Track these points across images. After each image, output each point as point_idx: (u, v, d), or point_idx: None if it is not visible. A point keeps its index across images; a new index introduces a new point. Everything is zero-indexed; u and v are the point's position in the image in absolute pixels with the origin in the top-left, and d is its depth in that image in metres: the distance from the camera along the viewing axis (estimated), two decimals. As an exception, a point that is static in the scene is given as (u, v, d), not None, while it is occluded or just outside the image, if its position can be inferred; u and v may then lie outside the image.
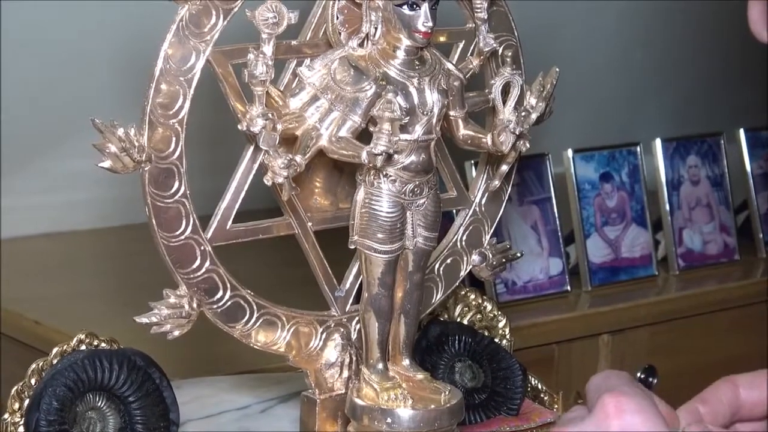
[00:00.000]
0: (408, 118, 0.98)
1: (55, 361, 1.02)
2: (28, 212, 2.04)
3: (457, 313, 1.21)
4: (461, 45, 1.12)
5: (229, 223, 1.03)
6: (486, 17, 1.05)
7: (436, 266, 1.13)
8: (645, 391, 0.84)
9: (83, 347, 1.04)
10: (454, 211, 1.17)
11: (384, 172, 0.99)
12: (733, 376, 0.90)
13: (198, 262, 1.01)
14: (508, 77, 1.03)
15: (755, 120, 2.37)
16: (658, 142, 2.13)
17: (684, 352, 1.94)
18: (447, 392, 1.03)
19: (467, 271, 1.15)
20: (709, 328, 1.98)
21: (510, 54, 1.05)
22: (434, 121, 1.00)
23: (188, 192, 1.00)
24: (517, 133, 1.02)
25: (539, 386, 1.19)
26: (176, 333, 1.02)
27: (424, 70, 1.00)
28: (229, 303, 1.03)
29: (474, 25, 1.07)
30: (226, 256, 1.03)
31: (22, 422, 1.01)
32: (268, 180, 0.95)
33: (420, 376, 1.05)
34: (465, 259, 1.15)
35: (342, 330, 1.08)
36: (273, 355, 1.05)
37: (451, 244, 1.14)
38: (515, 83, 1.03)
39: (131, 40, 1.60)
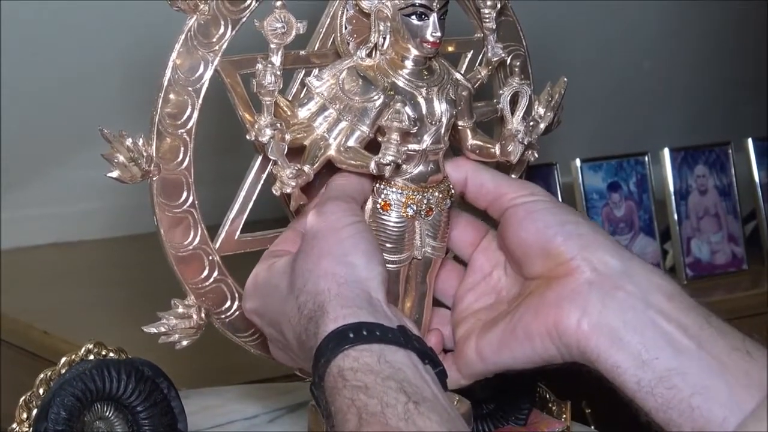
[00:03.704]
0: (417, 128, 0.98)
1: (63, 371, 1.02)
2: (36, 222, 2.04)
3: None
4: (469, 55, 1.12)
5: (238, 233, 1.03)
6: (494, 27, 1.05)
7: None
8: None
9: (91, 357, 1.04)
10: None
11: (392, 182, 0.99)
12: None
13: (206, 272, 1.01)
14: (517, 87, 1.03)
15: (763, 129, 2.37)
16: (666, 152, 2.13)
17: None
18: (455, 401, 1.03)
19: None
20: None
21: (518, 64, 1.05)
22: (443, 131, 1.00)
23: (196, 202, 1.00)
24: (526, 143, 1.02)
25: (547, 396, 1.19)
26: (184, 343, 1.02)
27: (433, 80, 0.99)
28: (237, 313, 1.03)
29: (482, 35, 1.07)
30: (234, 265, 1.03)
31: (30, 432, 1.01)
32: (276, 190, 0.95)
33: (428, 386, 1.05)
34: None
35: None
36: (281, 365, 1.04)
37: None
38: (524, 93, 1.03)
39: (139, 50, 1.61)
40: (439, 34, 0.97)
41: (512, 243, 0.98)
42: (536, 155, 1.07)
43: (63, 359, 1.03)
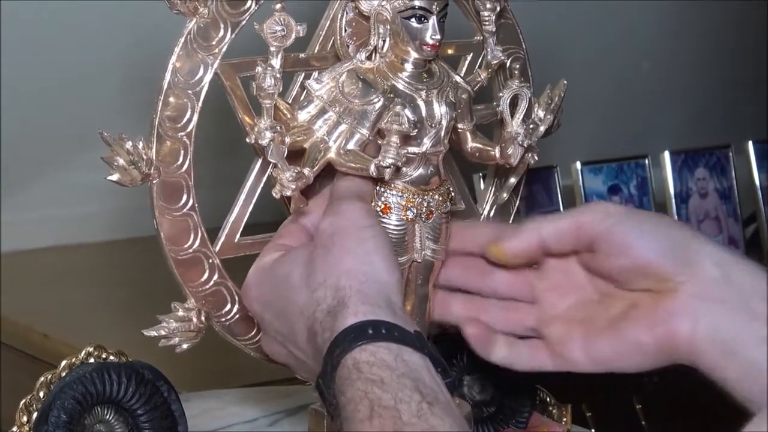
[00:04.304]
0: (416, 130, 0.97)
1: (63, 374, 1.02)
2: (36, 225, 2.04)
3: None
4: (469, 58, 1.12)
5: (238, 236, 1.03)
6: (494, 30, 1.05)
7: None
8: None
9: (92, 360, 1.04)
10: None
11: (392, 185, 0.99)
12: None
13: (206, 275, 1.01)
14: (516, 90, 1.03)
15: (763, 130, 2.37)
16: (666, 155, 2.13)
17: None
18: (455, 405, 1.02)
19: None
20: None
21: (518, 66, 1.05)
22: (442, 133, 1.00)
23: (196, 205, 1.00)
24: (525, 145, 1.02)
25: (548, 399, 1.19)
26: (185, 346, 1.02)
27: (432, 83, 0.99)
28: (237, 316, 1.03)
29: (482, 37, 1.07)
30: (234, 268, 1.03)
31: (30, 435, 1.01)
32: (276, 193, 0.95)
33: (428, 389, 1.04)
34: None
35: (350, 343, 1.08)
36: (281, 368, 1.04)
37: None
38: (523, 96, 1.03)
39: (139, 50, 1.61)
40: (438, 36, 0.97)
41: (610, 270, 0.97)
42: (536, 158, 1.07)
43: (63, 362, 1.03)
